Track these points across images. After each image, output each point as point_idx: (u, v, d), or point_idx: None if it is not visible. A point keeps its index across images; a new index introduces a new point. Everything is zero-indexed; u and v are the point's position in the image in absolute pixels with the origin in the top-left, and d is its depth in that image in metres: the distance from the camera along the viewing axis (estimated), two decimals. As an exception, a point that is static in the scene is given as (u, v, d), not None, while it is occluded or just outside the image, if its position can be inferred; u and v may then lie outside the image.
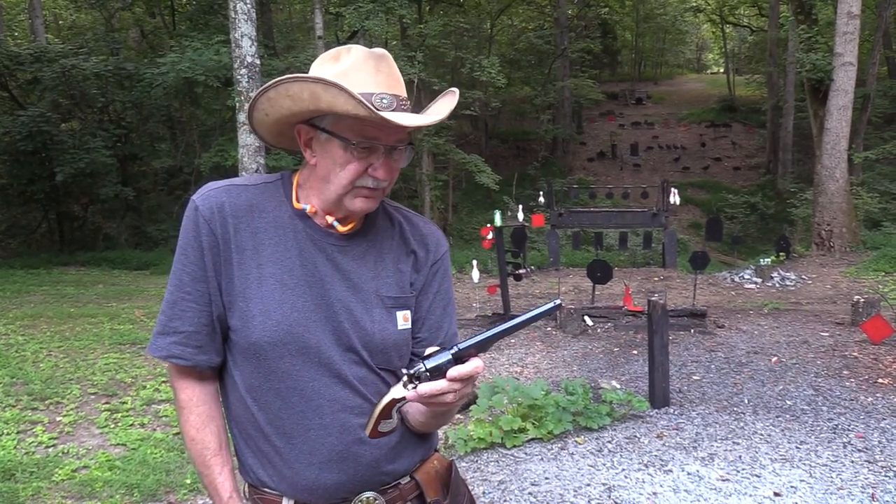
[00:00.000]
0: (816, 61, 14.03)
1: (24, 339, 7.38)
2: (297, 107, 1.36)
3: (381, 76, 1.37)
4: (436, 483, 1.53)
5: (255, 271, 1.39)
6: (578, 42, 25.55)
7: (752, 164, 27.07)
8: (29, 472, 4.15)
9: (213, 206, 1.40)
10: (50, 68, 16.34)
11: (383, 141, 1.36)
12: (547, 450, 4.55)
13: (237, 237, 1.40)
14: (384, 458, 1.45)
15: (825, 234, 14.06)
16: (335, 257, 1.44)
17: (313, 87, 1.31)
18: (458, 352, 1.26)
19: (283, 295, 1.39)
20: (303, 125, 1.41)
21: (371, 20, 15.17)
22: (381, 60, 1.39)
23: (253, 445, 1.44)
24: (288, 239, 1.42)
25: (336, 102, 1.30)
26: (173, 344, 1.41)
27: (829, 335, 7.31)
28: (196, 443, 1.45)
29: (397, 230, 1.54)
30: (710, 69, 50.12)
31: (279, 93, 1.36)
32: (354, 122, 1.34)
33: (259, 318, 1.37)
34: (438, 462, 1.57)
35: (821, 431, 4.72)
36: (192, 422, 1.45)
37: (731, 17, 35.45)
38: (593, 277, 8.56)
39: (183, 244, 1.42)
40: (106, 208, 18.82)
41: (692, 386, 5.83)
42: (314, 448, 1.40)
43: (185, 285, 1.40)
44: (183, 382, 1.45)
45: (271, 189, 1.47)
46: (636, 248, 15.40)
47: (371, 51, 1.40)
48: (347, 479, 1.42)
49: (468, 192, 22.37)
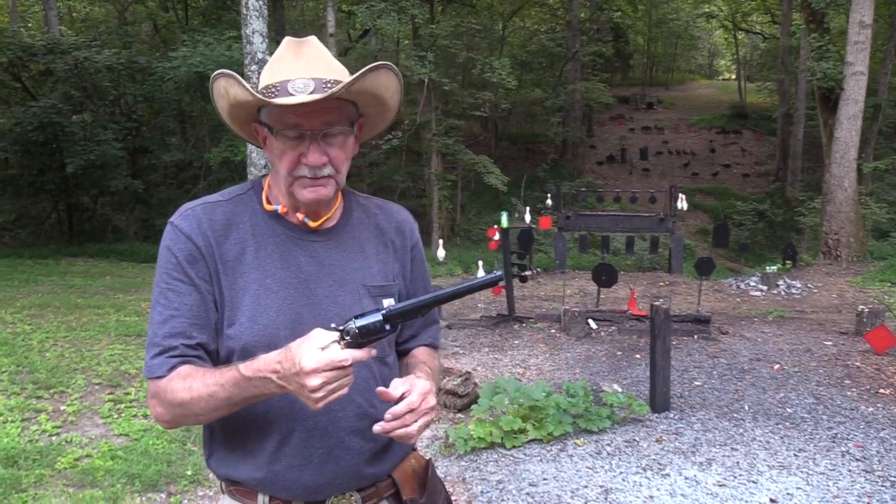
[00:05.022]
0: (827, 70, 14.00)
1: (31, 328, 7.44)
2: (223, 101, 1.42)
3: (300, 61, 1.38)
4: (412, 481, 1.55)
5: (239, 281, 1.41)
6: (590, 45, 25.50)
7: (761, 172, 27.00)
8: (32, 460, 4.19)
9: (192, 223, 1.42)
10: (62, 60, 16.43)
11: (307, 126, 1.37)
12: (546, 451, 4.57)
13: (219, 250, 1.41)
14: (365, 462, 1.47)
15: (832, 243, 14.02)
16: (318, 253, 1.47)
17: (222, 81, 1.38)
18: (387, 313, 1.26)
19: (269, 299, 1.40)
20: (256, 123, 1.45)
21: (383, 19, 15.21)
22: (303, 45, 1.40)
23: (235, 441, 1.45)
24: (268, 244, 1.44)
25: (238, 93, 1.36)
26: (172, 357, 1.37)
27: (832, 344, 7.30)
28: (194, 392, 1.33)
29: (373, 221, 1.57)
30: (721, 75, 50.00)
31: (216, 90, 1.42)
32: (278, 112, 1.36)
33: (247, 325, 1.39)
34: (416, 460, 1.59)
35: (820, 440, 4.72)
36: (181, 389, 1.34)
37: (744, 23, 35.35)
38: (598, 281, 8.57)
39: (164, 262, 1.41)
40: (115, 200, 18.91)
41: (693, 391, 5.84)
42: (296, 450, 1.42)
43: (172, 302, 1.39)
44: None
45: (244, 199, 1.49)
46: (643, 253, 15.38)
47: (297, 39, 1.42)
48: (327, 481, 1.44)
49: (476, 193, 22.39)
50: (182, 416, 1.36)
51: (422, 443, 4.70)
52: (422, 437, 4.77)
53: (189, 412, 1.34)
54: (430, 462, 1.63)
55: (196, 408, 1.33)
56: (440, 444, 4.67)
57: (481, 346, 7.50)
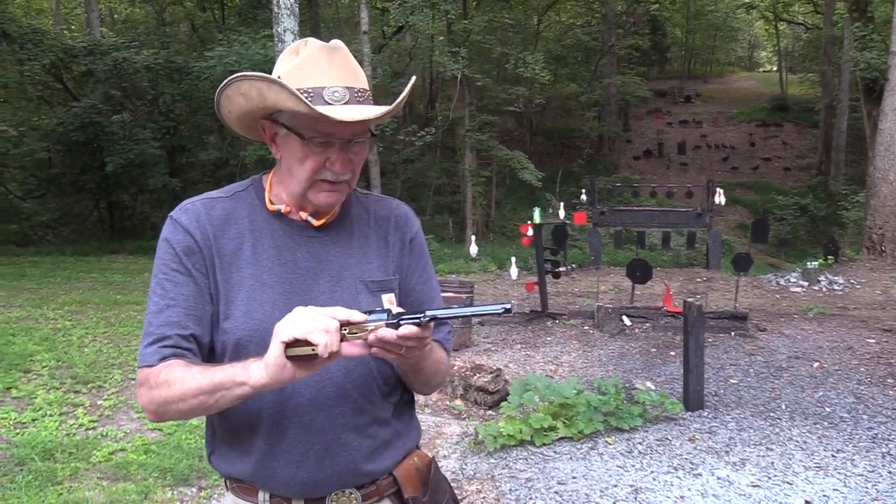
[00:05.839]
0: (871, 60, 13.63)
1: (72, 324, 7.60)
2: (248, 104, 1.39)
3: (334, 69, 1.37)
4: (415, 479, 1.53)
5: (235, 275, 1.41)
6: (627, 39, 25.18)
7: (803, 165, 26.39)
8: (68, 453, 4.28)
9: (191, 217, 1.42)
10: (102, 61, 16.77)
11: (338, 135, 1.36)
12: (576, 449, 4.52)
13: (217, 244, 1.41)
14: (363, 458, 1.45)
15: (877, 237, 13.64)
16: (316, 250, 1.46)
17: (259, 84, 1.33)
18: (392, 319, 1.23)
19: (264, 294, 1.40)
20: (265, 121, 1.43)
21: (416, 15, 15.20)
22: (335, 52, 1.39)
23: (233, 438, 1.45)
24: (265, 240, 1.44)
25: (279, 99, 1.32)
26: (165, 348, 1.36)
27: (875, 342, 7.11)
28: (182, 380, 1.30)
29: (372, 216, 1.55)
30: (762, 67, 48.99)
31: (234, 91, 1.38)
32: (308, 118, 1.33)
33: (241, 320, 1.38)
34: (419, 458, 1.56)
35: (859, 440, 4.60)
36: (171, 377, 1.32)
37: (785, 13, 34.50)
38: (633, 277, 8.46)
39: (162, 254, 1.42)
40: (154, 198, 19.27)
41: (728, 389, 5.73)
42: (292, 446, 1.41)
43: (169, 292, 1.39)
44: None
45: (244, 196, 1.49)
46: (679, 249, 15.16)
47: (326, 43, 1.40)
48: (324, 478, 1.43)
49: (511, 189, 22.28)
50: (165, 402, 1.33)
51: (451, 439, 4.69)
52: (451, 434, 4.77)
53: (173, 400, 1.31)
54: (434, 460, 1.60)
55: (180, 391, 1.30)
56: (470, 440, 4.65)
57: (513, 342, 7.46)
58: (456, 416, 5.28)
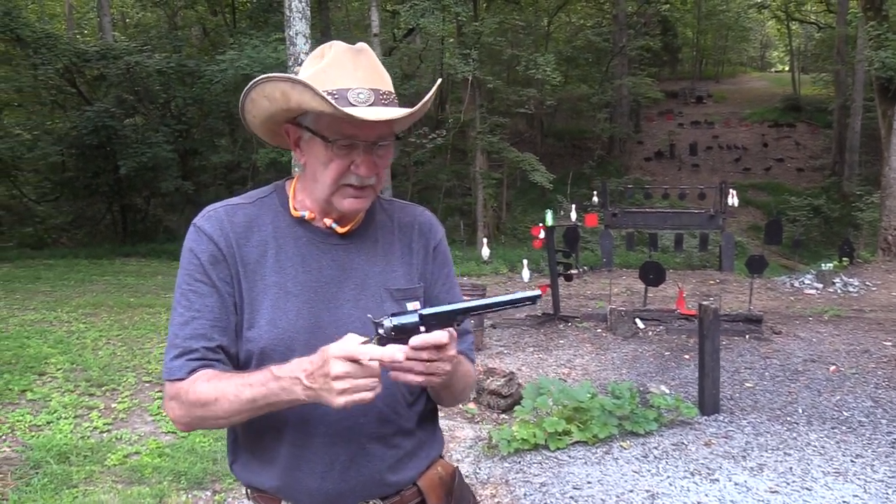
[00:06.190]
0: (886, 59, 13.50)
1: (86, 326, 7.64)
2: (273, 106, 1.37)
3: (359, 71, 1.36)
4: (439, 490, 1.51)
5: (259, 284, 1.39)
6: (637, 39, 25.07)
7: (816, 166, 26.20)
8: (83, 456, 4.29)
9: (214, 224, 1.41)
10: (115, 65, 16.87)
11: (362, 137, 1.35)
12: (591, 453, 4.49)
13: (241, 252, 1.40)
14: (388, 469, 1.44)
15: (892, 239, 13.54)
16: (340, 258, 1.44)
17: (283, 85, 1.32)
18: (424, 314, 1.24)
19: (288, 302, 1.38)
20: (289, 125, 1.42)
21: (426, 18, 15.20)
22: (360, 54, 1.38)
23: (256, 447, 1.43)
24: (289, 247, 1.42)
25: (303, 100, 1.31)
26: (192, 360, 1.35)
27: (892, 345, 7.04)
28: (219, 391, 1.30)
29: (396, 224, 1.54)
30: (774, 67, 48.72)
31: (258, 93, 1.37)
32: (332, 120, 1.32)
33: (266, 328, 1.37)
34: (443, 468, 1.55)
35: (878, 445, 4.54)
36: (206, 389, 1.32)
37: (798, 13, 34.29)
38: (646, 279, 8.42)
39: (186, 264, 1.40)
40: (167, 202, 19.36)
41: (744, 393, 5.68)
42: (317, 456, 1.39)
43: (194, 304, 1.37)
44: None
45: (267, 202, 1.47)
46: (692, 251, 15.08)
47: (351, 46, 1.39)
48: (349, 489, 1.41)
49: (522, 191, 22.24)
50: (202, 418, 1.33)
51: (465, 443, 4.67)
52: (464, 437, 4.75)
53: (211, 413, 1.31)
54: (458, 470, 1.59)
55: (219, 408, 1.29)
56: (483, 444, 4.62)
57: (526, 345, 7.43)
58: (469, 420, 5.25)
